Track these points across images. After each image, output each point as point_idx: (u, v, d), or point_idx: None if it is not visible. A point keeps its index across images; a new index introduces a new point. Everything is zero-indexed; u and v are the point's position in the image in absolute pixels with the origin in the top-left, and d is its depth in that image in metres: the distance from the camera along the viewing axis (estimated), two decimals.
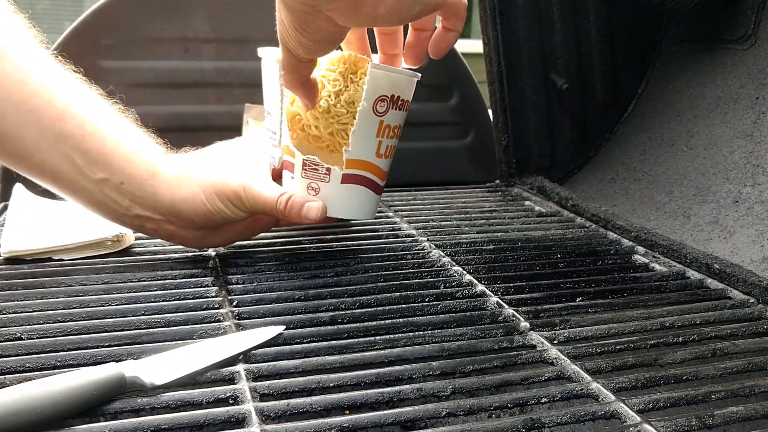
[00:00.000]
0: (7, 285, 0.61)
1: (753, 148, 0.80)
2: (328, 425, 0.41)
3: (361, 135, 0.63)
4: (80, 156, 0.60)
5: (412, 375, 0.48)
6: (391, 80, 0.63)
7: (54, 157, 0.60)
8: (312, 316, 0.56)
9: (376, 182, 0.67)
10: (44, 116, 0.59)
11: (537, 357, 0.51)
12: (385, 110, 0.63)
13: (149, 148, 0.63)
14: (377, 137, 0.64)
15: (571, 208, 0.88)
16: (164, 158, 0.64)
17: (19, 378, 0.45)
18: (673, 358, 0.51)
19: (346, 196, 0.65)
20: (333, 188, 0.65)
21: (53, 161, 0.60)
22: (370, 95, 0.62)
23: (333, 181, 0.64)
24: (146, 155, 0.63)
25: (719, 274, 0.66)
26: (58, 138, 0.59)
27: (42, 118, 0.59)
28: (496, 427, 0.42)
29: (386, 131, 0.64)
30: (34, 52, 0.60)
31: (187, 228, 0.64)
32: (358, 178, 0.65)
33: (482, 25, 0.98)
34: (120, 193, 0.61)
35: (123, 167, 0.61)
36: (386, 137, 0.65)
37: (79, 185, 0.61)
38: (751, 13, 0.87)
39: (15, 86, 0.58)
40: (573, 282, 0.65)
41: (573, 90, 1.01)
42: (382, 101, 0.63)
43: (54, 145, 0.59)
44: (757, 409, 0.44)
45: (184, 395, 0.44)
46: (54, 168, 0.60)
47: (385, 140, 0.65)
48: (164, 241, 0.68)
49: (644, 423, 0.42)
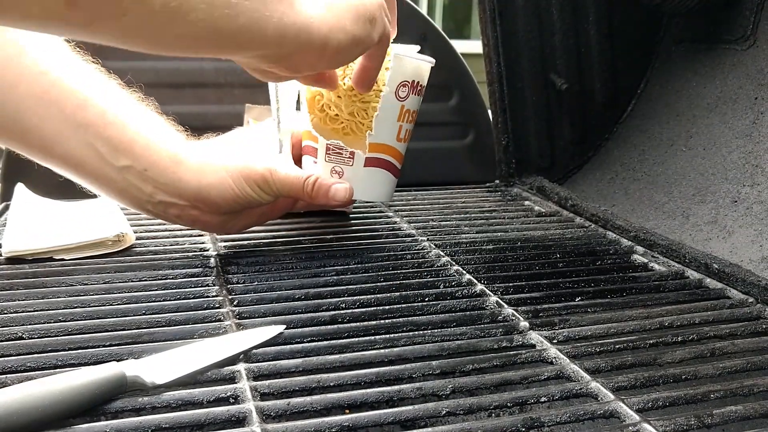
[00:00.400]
0: (9, 285, 0.61)
1: (752, 148, 0.80)
2: (328, 424, 0.41)
3: (384, 119, 0.65)
4: (103, 144, 0.60)
5: (412, 374, 0.48)
6: (414, 66, 0.66)
7: (76, 147, 0.60)
8: (312, 315, 0.56)
9: (396, 165, 0.69)
10: (65, 106, 0.59)
11: (536, 356, 0.51)
12: (407, 95, 0.66)
13: (171, 135, 0.64)
14: (398, 122, 0.66)
15: (571, 208, 0.89)
16: (186, 145, 0.65)
17: (20, 377, 0.46)
18: (672, 357, 0.51)
19: (368, 179, 0.67)
20: (356, 171, 0.66)
21: (76, 151, 0.60)
22: (394, 80, 0.64)
23: (356, 165, 0.66)
24: (168, 142, 0.63)
25: (718, 274, 0.66)
26: (80, 127, 0.60)
27: (63, 108, 0.59)
28: (495, 426, 0.42)
29: (406, 116, 0.67)
30: (51, 45, 0.61)
31: (212, 213, 0.65)
32: (380, 161, 0.67)
33: (482, 26, 0.98)
34: (143, 179, 0.62)
35: (146, 154, 0.62)
36: (406, 122, 0.67)
37: (102, 173, 0.62)
38: (750, 14, 0.87)
39: (34, 79, 0.59)
40: (572, 282, 0.65)
41: (573, 90, 1.01)
42: (403, 86, 0.65)
43: (76, 134, 0.60)
44: (756, 409, 0.44)
45: (184, 394, 0.44)
46: (77, 157, 0.61)
47: (405, 125, 0.67)
48: (165, 241, 0.68)
49: (643, 422, 0.42)
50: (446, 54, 1.05)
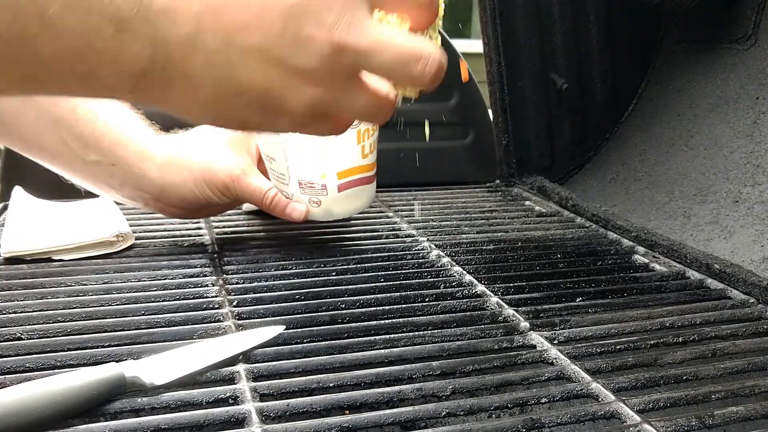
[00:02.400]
0: (7, 285, 0.61)
1: (753, 148, 0.80)
2: (328, 425, 0.41)
3: (344, 150, 0.66)
4: (73, 139, 0.63)
5: (412, 375, 0.48)
6: None
7: (50, 141, 0.63)
8: (312, 316, 0.56)
9: (370, 176, 0.70)
10: (41, 101, 0.61)
11: (537, 357, 0.51)
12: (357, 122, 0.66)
13: (140, 131, 0.66)
14: (358, 144, 0.67)
15: (571, 208, 0.88)
16: (154, 140, 0.66)
17: (19, 378, 0.45)
18: (673, 358, 0.51)
19: (346, 199, 0.69)
20: (333, 198, 0.68)
21: (50, 144, 0.63)
22: None
23: (331, 193, 0.68)
24: (136, 138, 0.65)
25: (719, 274, 0.66)
26: (54, 122, 0.62)
27: (38, 103, 0.61)
28: (495, 427, 0.42)
29: (365, 135, 0.67)
30: None
31: (174, 207, 0.68)
32: (352, 182, 0.68)
33: (482, 25, 0.98)
34: (111, 174, 0.65)
35: (114, 149, 0.64)
36: (366, 139, 0.68)
37: (74, 166, 0.65)
38: (751, 14, 0.86)
39: None
40: (573, 282, 0.65)
41: (573, 90, 1.01)
42: None
43: (50, 129, 0.62)
44: (757, 409, 0.44)
45: (184, 395, 0.44)
46: (51, 150, 0.64)
47: (366, 141, 0.68)
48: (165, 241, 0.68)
49: (644, 423, 0.42)
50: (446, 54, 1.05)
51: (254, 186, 0.67)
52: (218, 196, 0.66)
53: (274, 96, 0.39)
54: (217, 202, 0.67)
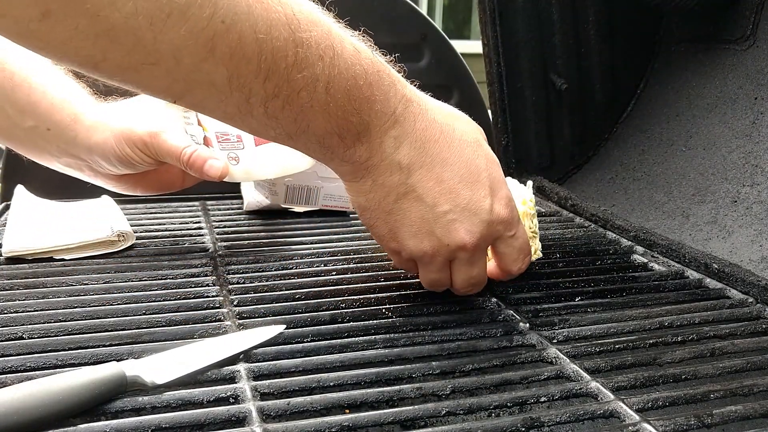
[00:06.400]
0: (9, 285, 0.61)
1: (751, 148, 0.80)
2: (328, 424, 0.41)
3: None
4: (10, 106, 0.64)
5: (412, 374, 0.48)
6: None
7: None
8: (312, 315, 0.56)
9: None
10: None
11: (536, 356, 0.51)
12: None
13: (76, 96, 0.66)
14: None
15: (571, 208, 0.89)
16: (89, 104, 0.66)
17: (20, 377, 0.46)
18: (672, 357, 0.51)
19: (267, 156, 0.68)
20: (251, 153, 0.67)
21: None
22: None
23: (248, 147, 0.67)
24: (72, 102, 0.65)
25: (718, 274, 0.66)
26: None
27: None
28: (495, 426, 0.42)
29: None
30: None
31: (105, 176, 0.69)
32: None
33: (482, 26, 0.98)
34: (47, 139, 0.65)
35: (48, 113, 0.64)
36: None
37: (13, 133, 0.66)
38: (750, 14, 0.87)
39: None
40: (572, 282, 0.65)
41: (572, 90, 1.01)
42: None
43: None
44: (756, 408, 0.44)
45: (184, 394, 0.44)
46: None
47: None
48: (165, 240, 0.68)
49: (643, 422, 0.42)
50: (446, 54, 1.05)
51: (171, 143, 0.66)
52: (138, 154, 0.66)
53: (418, 257, 0.54)
54: (138, 161, 0.67)
